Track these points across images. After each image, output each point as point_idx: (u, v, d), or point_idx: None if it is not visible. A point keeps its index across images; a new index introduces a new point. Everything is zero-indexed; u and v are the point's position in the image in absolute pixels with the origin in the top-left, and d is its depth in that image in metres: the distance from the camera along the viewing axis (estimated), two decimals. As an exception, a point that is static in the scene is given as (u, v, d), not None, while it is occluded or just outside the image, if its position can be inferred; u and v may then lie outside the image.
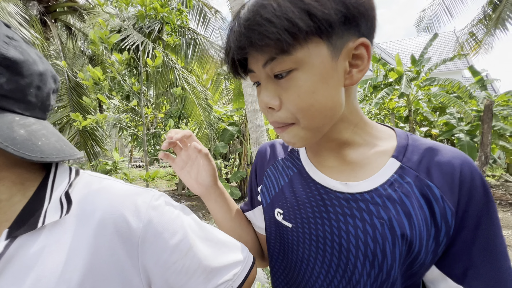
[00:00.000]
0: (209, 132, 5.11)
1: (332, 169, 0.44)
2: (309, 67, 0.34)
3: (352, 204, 0.39)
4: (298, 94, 0.35)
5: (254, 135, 3.38)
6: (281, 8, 0.30)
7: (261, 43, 0.32)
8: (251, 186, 0.59)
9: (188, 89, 5.03)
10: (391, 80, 8.68)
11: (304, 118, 0.37)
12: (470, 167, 0.37)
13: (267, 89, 0.37)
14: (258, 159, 0.57)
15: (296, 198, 0.45)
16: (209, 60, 6.08)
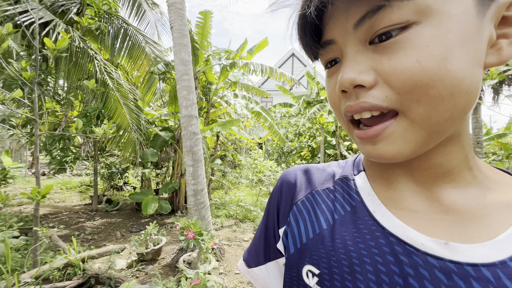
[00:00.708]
0: (137, 137, 4.44)
1: (417, 215, 0.26)
2: (442, 19, 0.21)
3: (457, 282, 0.22)
4: (418, 60, 0.21)
5: (188, 143, 3.03)
6: None
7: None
8: (266, 227, 0.39)
9: (112, 85, 4.28)
10: (322, 98, 9.60)
11: (420, 101, 0.22)
12: None
13: (355, 61, 0.24)
14: (283, 188, 0.38)
15: (350, 253, 0.27)
16: (141, 56, 5.40)
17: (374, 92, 0.24)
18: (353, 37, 0.24)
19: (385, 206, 0.28)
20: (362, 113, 0.25)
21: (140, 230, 4.06)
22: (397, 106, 0.23)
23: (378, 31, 0.23)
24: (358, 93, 0.24)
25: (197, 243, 2.01)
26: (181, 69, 2.97)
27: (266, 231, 0.39)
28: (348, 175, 0.34)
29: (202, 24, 4.84)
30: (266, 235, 0.39)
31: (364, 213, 0.29)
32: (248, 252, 0.42)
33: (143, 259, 2.86)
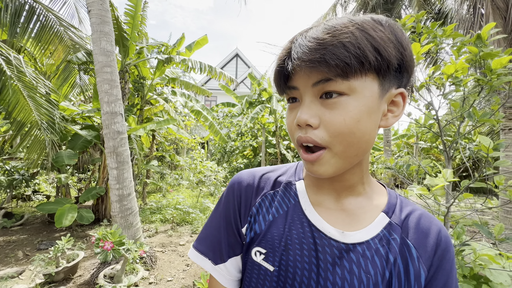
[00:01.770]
0: (48, 137, 3.74)
1: (329, 212, 0.43)
2: (360, 97, 0.35)
3: (344, 254, 0.39)
4: (344, 118, 0.35)
5: (111, 143, 2.71)
6: (357, 39, 0.33)
7: (333, 62, 0.33)
8: (226, 228, 0.48)
9: (10, 73, 3.48)
10: (264, 99, 9.96)
11: (341, 143, 0.36)
12: (446, 237, 0.41)
13: (309, 107, 0.37)
14: (241, 191, 0.49)
15: (286, 237, 0.42)
16: (54, 40, 4.58)
17: (317, 132, 0.36)
18: (310, 90, 0.37)
19: (312, 205, 0.44)
20: (307, 142, 0.37)
21: (51, 246, 3.43)
22: (327, 144, 0.36)
23: (326, 90, 0.35)
24: (307, 129, 0.37)
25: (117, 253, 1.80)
26: (102, 60, 2.63)
27: (226, 232, 0.47)
28: (291, 180, 0.48)
29: (132, 12, 4.40)
30: (227, 235, 0.47)
31: (299, 210, 0.44)
32: (211, 250, 0.47)
33: (52, 280, 2.43)
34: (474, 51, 1.45)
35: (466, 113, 1.48)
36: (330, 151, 0.37)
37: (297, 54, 0.35)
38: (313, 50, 0.33)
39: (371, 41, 0.34)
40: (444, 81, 1.43)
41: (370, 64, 0.34)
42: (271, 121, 10.72)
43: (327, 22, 0.36)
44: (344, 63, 0.33)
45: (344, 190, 0.43)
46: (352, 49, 0.33)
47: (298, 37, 0.36)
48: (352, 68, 0.33)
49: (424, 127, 1.80)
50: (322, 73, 0.34)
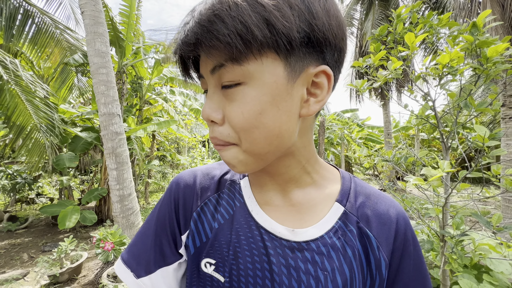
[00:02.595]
0: (48, 140, 3.75)
1: (277, 209, 0.39)
2: (259, 84, 0.29)
3: (297, 254, 0.35)
4: (242, 112, 0.29)
5: (110, 144, 2.72)
6: (238, 8, 0.25)
7: (208, 43, 0.26)
8: (157, 235, 0.41)
9: (6, 78, 3.49)
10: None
11: (245, 140, 0.31)
12: (404, 219, 0.38)
13: (211, 100, 0.31)
14: (181, 194, 0.42)
15: (234, 244, 0.37)
16: (50, 43, 4.57)
17: (222, 129, 0.31)
18: (211, 79, 0.31)
19: (259, 205, 0.39)
20: (216, 144, 0.33)
21: (55, 248, 3.48)
22: (235, 140, 0.31)
23: (223, 81, 0.30)
24: (213, 127, 0.32)
25: (118, 253, 1.82)
26: (97, 61, 2.63)
27: (159, 239, 0.41)
28: (236, 179, 0.43)
29: (127, 12, 4.38)
30: (160, 242, 0.41)
31: (245, 212, 0.39)
32: (138, 258, 0.41)
33: (56, 281, 2.46)
34: (469, 40, 1.43)
35: (463, 103, 1.47)
36: (239, 146, 0.32)
37: (179, 37, 0.29)
38: (190, 31, 0.27)
39: (260, 10, 0.26)
40: (439, 71, 1.41)
41: (260, 41, 0.26)
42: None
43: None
44: (226, 43, 0.26)
45: (287, 183, 0.38)
46: (231, 23, 0.25)
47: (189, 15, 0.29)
48: (238, 48, 0.26)
49: (421, 118, 1.79)
50: (211, 58, 0.29)
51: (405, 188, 1.65)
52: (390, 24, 1.94)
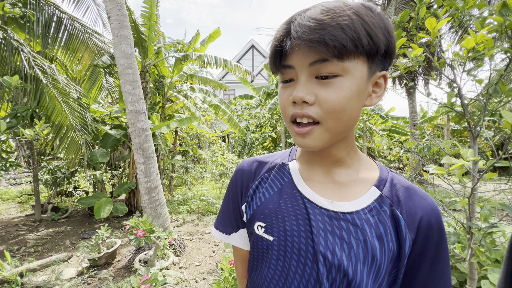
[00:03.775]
0: (83, 138, 4.09)
1: (320, 185, 0.47)
2: (352, 78, 0.38)
3: (334, 221, 0.43)
4: (338, 97, 0.38)
5: (137, 140, 2.91)
6: (353, 23, 0.36)
7: (332, 43, 0.35)
8: (232, 206, 0.57)
9: (45, 81, 3.83)
10: (280, 89, 9.87)
11: (333, 119, 0.39)
12: (433, 209, 0.44)
13: (306, 85, 0.39)
14: (240, 176, 0.56)
15: (282, 210, 0.47)
16: (81, 48, 4.91)
17: (313, 108, 0.39)
18: (307, 70, 0.39)
19: (304, 181, 0.48)
20: (303, 118, 0.40)
21: (93, 235, 3.81)
22: (321, 119, 0.39)
23: (322, 72, 0.38)
24: (303, 106, 0.40)
25: (149, 240, 1.98)
26: (123, 63, 2.81)
27: (233, 210, 0.56)
28: (285, 162, 0.54)
29: (148, 14, 4.56)
30: (234, 212, 0.56)
31: (292, 186, 0.49)
32: (220, 223, 0.58)
33: (95, 264, 2.72)
34: (499, 21, 1.35)
35: (492, 88, 1.39)
36: (321, 126, 0.40)
37: (297, 34, 0.36)
38: (313, 30, 0.35)
39: (365, 26, 0.36)
40: (465, 55, 1.34)
41: (364, 47, 0.36)
42: (289, 111, 10.61)
43: (324, 4, 0.38)
44: (341, 44, 0.35)
45: (332, 164, 0.47)
46: (349, 32, 0.35)
47: (296, 17, 0.38)
48: (348, 50, 0.35)
49: (446, 106, 1.72)
50: (320, 53, 0.36)
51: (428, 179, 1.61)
52: (413, 9, 1.86)
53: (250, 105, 10.63)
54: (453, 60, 1.47)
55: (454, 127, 10.18)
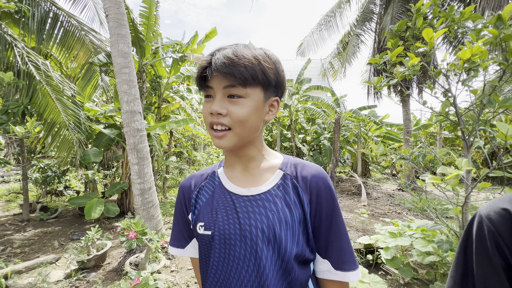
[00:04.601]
0: (76, 136, 4.01)
1: (240, 179, 0.62)
2: (252, 100, 0.55)
3: (253, 203, 0.57)
4: (242, 111, 0.54)
5: (132, 140, 2.87)
6: (253, 64, 0.53)
7: (238, 76, 0.52)
8: (180, 221, 0.67)
9: (39, 78, 3.76)
10: (277, 93, 9.89)
11: (239, 127, 0.55)
12: (319, 175, 0.60)
13: (221, 102, 0.54)
14: (182, 192, 0.68)
15: (215, 207, 0.59)
16: (76, 45, 4.84)
17: (225, 118, 0.54)
18: (221, 91, 0.54)
19: (229, 179, 0.62)
20: (218, 125, 0.55)
21: (82, 236, 3.72)
22: (231, 126, 0.54)
23: (231, 93, 0.54)
24: (219, 116, 0.54)
25: (140, 242, 1.94)
26: (120, 62, 2.77)
27: (183, 224, 0.67)
28: (215, 170, 0.67)
29: (146, 14, 4.54)
30: (183, 226, 0.67)
31: (221, 186, 0.62)
32: (175, 240, 0.68)
33: (84, 267, 2.65)
34: (494, 33, 1.38)
35: (486, 99, 1.42)
36: (232, 131, 0.55)
37: (216, 66, 0.52)
38: (227, 66, 0.51)
39: (261, 67, 0.53)
40: (460, 66, 1.37)
41: (259, 81, 0.54)
42: (285, 115, 10.64)
43: (236, 48, 0.54)
44: (244, 77, 0.52)
45: (248, 161, 0.62)
46: (250, 70, 0.52)
47: (216, 53, 0.54)
48: (248, 81, 0.52)
49: (441, 115, 1.74)
50: (230, 81, 0.52)
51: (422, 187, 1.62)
52: (410, 19, 1.89)
53: (247, 108, 10.62)
54: (449, 70, 1.50)
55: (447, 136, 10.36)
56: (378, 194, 7.05)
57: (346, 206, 5.71)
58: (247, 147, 0.60)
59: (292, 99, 9.73)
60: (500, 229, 0.48)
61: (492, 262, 0.48)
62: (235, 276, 0.54)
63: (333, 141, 2.86)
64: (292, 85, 9.98)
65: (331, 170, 2.78)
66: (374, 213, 5.11)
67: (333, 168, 2.78)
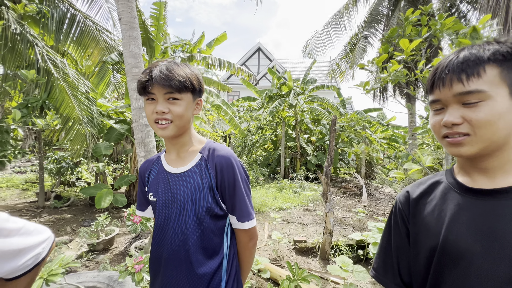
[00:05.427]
0: (88, 130, 4.28)
1: (173, 161, 0.86)
2: (185, 101, 0.77)
3: (180, 178, 0.82)
4: (180, 109, 0.76)
5: (140, 135, 3.08)
6: (183, 76, 0.76)
7: (175, 86, 0.74)
8: (140, 192, 0.95)
9: (56, 75, 4.04)
10: (283, 93, 9.98)
11: (178, 120, 0.77)
12: (224, 158, 0.82)
13: (163, 104, 0.76)
14: (141, 172, 0.94)
15: (158, 181, 0.85)
16: (91, 44, 5.12)
17: (168, 115, 0.77)
18: (162, 96, 0.77)
19: (167, 162, 0.87)
20: (162, 121, 0.78)
21: (92, 223, 3.99)
22: (173, 119, 0.78)
23: (170, 97, 0.79)
24: (163, 114, 0.77)
25: (145, 227, 2.15)
26: (131, 62, 2.99)
27: (142, 194, 0.95)
28: (160, 156, 0.91)
29: (156, 15, 4.77)
30: (142, 195, 0.95)
31: (162, 167, 0.87)
32: (139, 205, 0.97)
33: (94, 249, 2.89)
34: (467, 43, 1.50)
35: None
36: (173, 123, 0.76)
37: (157, 80, 0.73)
38: (166, 79, 0.73)
39: (190, 78, 0.77)
40: (434, 74, 1.50)
41: (188, 88, 0.77)
42: (291, 114, 10.74)
43: (168, 65, 0.76)
44: (178, 86, 0.74)
45: (181, 147, 0.85)
46: (182, 82, 0.75)
47: (154, 69, 0.74)
48: (181, 89, 0.75)
49: (426, 119, 1.86)
50: (168, 89, 0.74)
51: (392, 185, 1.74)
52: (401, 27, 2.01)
53: (252, 107, 10.77)
54: (421, 77, 1.62)
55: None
56: (380, 196, 7.09)
57: (346, 205, 5.81)
58: (182, 136, 0.83)
59: (298, 99, 9.83)
60: (403, 206, 0.65)
61: (399, 228, 0.65)
62: (171, 226, 0.81)
63: (329, 140, 3.00)
64: (298, 85, 10.07)
65: (326, 168, 2.92)
66: (373, 213, 5.19)
67: (327, 166, 2.92)
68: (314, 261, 2.96)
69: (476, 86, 0.46)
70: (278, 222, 4.40)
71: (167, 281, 0.79)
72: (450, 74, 0.49)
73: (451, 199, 0.55)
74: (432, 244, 0.54)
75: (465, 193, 0.53)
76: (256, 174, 8.43)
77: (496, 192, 0.49)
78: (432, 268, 0.54)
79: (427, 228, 0.56)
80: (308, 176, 8.91)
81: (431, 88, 0.54)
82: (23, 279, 0.59)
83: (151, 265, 0.86)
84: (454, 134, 0.50)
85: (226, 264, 0.82)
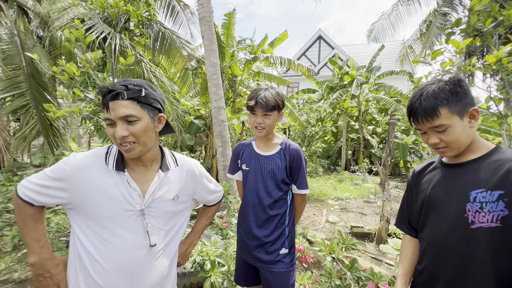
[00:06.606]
0: (177, 125, 5.40)
1: (262, 147, 1.34)
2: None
3: (267, 158, 1.31)
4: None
5: (218, 128, 3.84)
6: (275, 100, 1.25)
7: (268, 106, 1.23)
8: (233, 162, 1.45)
9: (156, 83, 5.23)
10: (345, 83, 9.66)
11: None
12: (296, 149, 1.32)
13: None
14: (237, 149, 1.42)
15: (251, 158, 1.33)
16: (176, 55, 6.27)
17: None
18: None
19: (257, 147, 1.38)
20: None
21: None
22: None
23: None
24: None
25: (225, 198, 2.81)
26: (211, 70, 3.73)
27: (234, 163, 1.47)
28: (251, 142, 1.42)
29: (226, 24, 5.50)
30: (234, 164, 1.47)
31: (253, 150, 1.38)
32: (231, 170, 1.49)
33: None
34: (529, 36, 1.53)
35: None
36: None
37: (259, 103, 1.22)
38: (265, 103, 1.21)
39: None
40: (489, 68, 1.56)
41: (276, 108, 1.25)
42: (354, 105, 10.31)
43: (266, 92, 1.23)
44: (271, 107, 1.22)
45: (267, 141, 1.35)
46: (273, 102, 1.23)
47: (259, 94, 1.22)
48: (272, 108, 1.23)
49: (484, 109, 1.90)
50: (265, 108, 1.22)
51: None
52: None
53: (312, 99, 10.77)
54: (479, 69, 1.68)
55: None
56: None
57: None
58: (269, 134, 1.33)
59: (362, 88, 9.37)
60: (411, 178, 1.00)
61: (408, 193, 1.00)
62: (258, 186, 1.28)
63: (388, 132, 3.10)
64: (362, 74, 9.58)
65: (384, 159, 3.06)
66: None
67: (386, 157, 3.05)
68: (370, 245, 3.17)
69: (439, 122, 0.75)
70: (336, 209, 4.63)
71: (252, 219, 1.28)
72: (420, 117, 0.78)
73: (437, 172, 0.87)
74: (422, 198, 0.88)
75: (444, 167, 0.85)
76: (316, 165, 8.61)
77: (458, 165, 0.80)
78: (422, 213, 0.88)
79: (421, 190, 0.90)
80: (371, 170, 8.56)
81: (412, 121, 0.83)
82: (214, 207, 1.16)
83: (241, 210, 1.36)
84: (439, 148, 0.80)
85: (288, 211, 1.32)
